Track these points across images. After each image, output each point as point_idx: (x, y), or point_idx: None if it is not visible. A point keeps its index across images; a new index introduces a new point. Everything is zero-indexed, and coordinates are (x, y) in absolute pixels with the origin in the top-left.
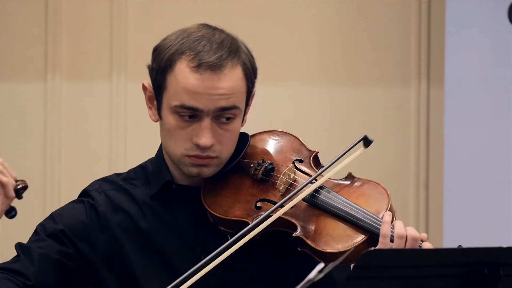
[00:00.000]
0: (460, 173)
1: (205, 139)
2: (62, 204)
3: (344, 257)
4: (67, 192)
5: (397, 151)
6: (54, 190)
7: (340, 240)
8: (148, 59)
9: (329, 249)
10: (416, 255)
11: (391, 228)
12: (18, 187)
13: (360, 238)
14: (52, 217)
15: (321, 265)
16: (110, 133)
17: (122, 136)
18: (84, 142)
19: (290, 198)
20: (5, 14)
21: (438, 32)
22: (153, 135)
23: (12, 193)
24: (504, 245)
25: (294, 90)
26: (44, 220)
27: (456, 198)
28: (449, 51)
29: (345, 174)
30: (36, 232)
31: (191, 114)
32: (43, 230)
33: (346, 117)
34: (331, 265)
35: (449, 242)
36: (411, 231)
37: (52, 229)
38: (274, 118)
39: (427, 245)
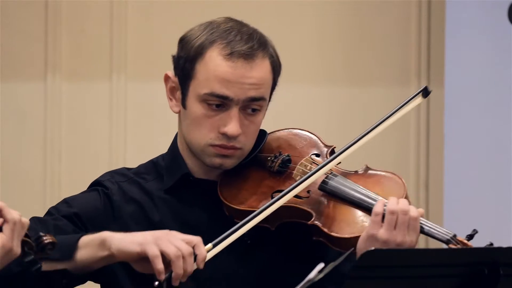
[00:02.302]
0: (460, 173)
1: (233, 128)
2: None
3: (346, 254)
4: (67, 192)
5: (397, 151)
6: (54, 190)
7: (355, 225)
8: (148, 59)
9: (344, 234)
10: (416, 255)
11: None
12: (46, 241)
13: None
14: (65, 201)
15: (321, 265)
16: (110, 133)
17: (122, 136)
18: (84, 142)
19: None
20: (5, 14)
21: (438, 32)
22: (153, 135)
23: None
24: (504, 245)
25: (294, 90)
26: (57, 204)
27: (456, 198)
28: (449, 51)
29: (363, 166)
30: (49, 213)
31: (219, 103)
32: (57, 211)
33: (346, 117)
34: (331, 265)
35: None
36: (402, 205)
37: (66, 211)
38: (274, 118)
39: (412, 212)
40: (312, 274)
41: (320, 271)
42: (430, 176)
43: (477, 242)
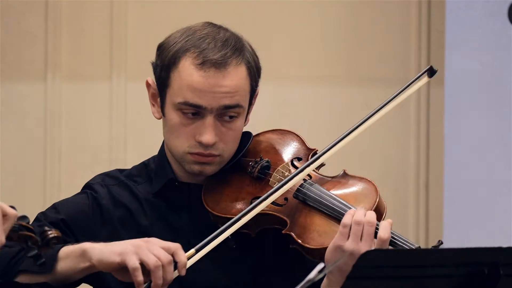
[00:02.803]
0: (460, 173)
1: (208, 137)
2: None
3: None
4: (67, 192)
5: (397, 151)
6: (54, 190)
7: (327, 235)
8: (148, 59)
9: (315, 245)
10: (416, 255)
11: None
12: (51, 235)
13: None
14: (54, 206)
15: (321, 265)
16: (110, 133)
17: (122, 136)
18: (84, 142)
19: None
20: (5, 14)
21: (438, 32)
22: (153, 135)
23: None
24: (504, 245)
25: (295, 89)
26: (46, 209)
27: (456, 198)
28: (449, 51)
29: (341, 171)
30: (37, 219)
31: (194, 112)
32: (44, 218)
33: (347, 117)
34: (331, 265)
35: (449, 242)
36: (369, 217)
37: (53, 217)
38: (274, 118)
39: (383, 227)
40: (312, 274)
41: (320, 271)
42: (430, 176)
43: (477, 242)
